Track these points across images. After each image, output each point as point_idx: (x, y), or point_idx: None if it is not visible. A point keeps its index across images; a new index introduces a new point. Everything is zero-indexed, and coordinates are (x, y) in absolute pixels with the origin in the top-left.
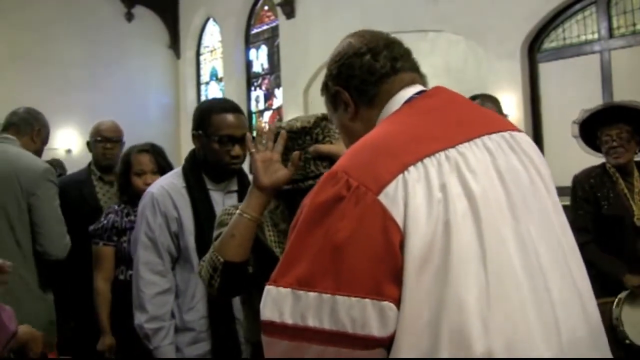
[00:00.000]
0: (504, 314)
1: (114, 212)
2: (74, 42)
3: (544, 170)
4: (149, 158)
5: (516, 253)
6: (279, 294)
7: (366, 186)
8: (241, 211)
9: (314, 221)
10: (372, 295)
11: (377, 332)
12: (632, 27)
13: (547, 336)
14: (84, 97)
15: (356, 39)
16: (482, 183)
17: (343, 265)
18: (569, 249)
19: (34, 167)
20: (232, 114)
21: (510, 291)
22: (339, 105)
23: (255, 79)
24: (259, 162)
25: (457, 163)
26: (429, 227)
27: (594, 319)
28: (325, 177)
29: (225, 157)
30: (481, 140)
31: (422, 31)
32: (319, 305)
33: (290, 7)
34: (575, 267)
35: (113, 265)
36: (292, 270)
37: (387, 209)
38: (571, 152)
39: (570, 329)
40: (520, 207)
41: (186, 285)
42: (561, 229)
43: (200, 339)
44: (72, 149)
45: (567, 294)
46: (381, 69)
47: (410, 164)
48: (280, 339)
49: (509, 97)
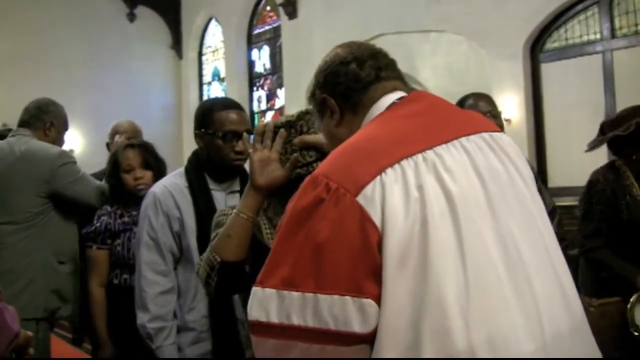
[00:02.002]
0: (485, 309)
1: (106, 214)
2: (76, 42)
3: (524, 169)
4: (135, 153)
5: (496, 249)
6: (264, 295)
7: (345, 188)
8: (238, 211)
9: (296, 224)
10: (352, 292)
11: (359, 328)
12: (635, 28)
13: (530, 330)
14: (86, 97)
15: (343, 49)
16: (459, 182)
17: (324, 264)
18: (551, 246)
19: (46, 156)
20: (234, 111)
21: (491, 287)
22: (325, 112)
23: (258, 79)
24: (256, 162)
25: (435, 164)
26: (407, 226)
27: (577, 314)
28: (307, 182)
29: (229, 153)
30: (459, 141)
31: (424, 31)
32: (303, 304)
33: (293, 7)
34: (558, 263)
35: (107, 269)
36: (277, 271)
37: (365, 209)
38: (572, 152)
39: (553, 323)
40: (500, 205)
41: (188, 285)
42: (543, 226)
43: (202, 339)
44: (75, 149)
45: (550, 289)
46: (366, 77)
47: (388, 165)
48: (267, 338)
49: (511, 97)
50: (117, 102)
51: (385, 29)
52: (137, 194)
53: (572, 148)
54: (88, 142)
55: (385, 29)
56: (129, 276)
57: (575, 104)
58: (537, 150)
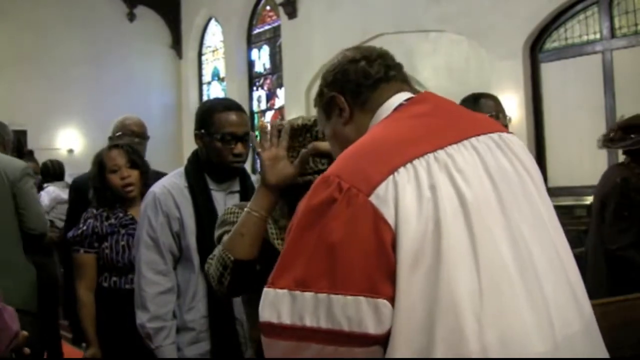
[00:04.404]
0: (497, 310)
1: (92, 216)
2: (76, 42)
3: (534, 170)
4: (120, 152)
5: (508, 250)
6: (276, 296)
7: (357, 188)
8: (249, 209)
9: (308, 223)
10: (366, 293)
11: (373, 329)
12: (634, 27)
13: (541, 331)
14: (86, 97)
15: (351, 51)
16: (471, 183)
17: (337, 265)
18: (561, 247)
19: (16, 164)
20: (234, 112)
21: (503, 287)
22: (333, 112)
23: (257, 79)
24: (265, 160)
25: (446, 164)
26: (420, 226)
27: (587, 315)
28: (318, 182)
29: (227, 156)
30: (469, 141)
31: (424, 31)
32: (316, 305)
33: (292, 7)
34: (568, 264)
35: (95, 273)
36: (289, 271)
37: (378, 209)
38: (572, 152)
39: (564, 324)
40: (511, 206)
41: (187, 285)
42: (553, 228)
43: (201, 339)
44: (74, 149)
45: (561, 290)
46: (376, 74)
47: (400, 165)
48: (279, 339)
49: (511, 97)
50: (116, 101)
51: (385, 29)
52: (124, 195)
53: (571, 148)
54: (87, 141)
55: (385, 29)
56: (119, 279)
57: (575, 103)
58: (537, 150)
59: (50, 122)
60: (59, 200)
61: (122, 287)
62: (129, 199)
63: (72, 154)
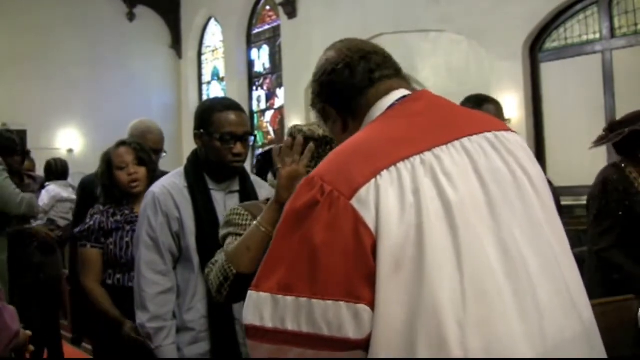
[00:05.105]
0: (482, 317)
1: (99, 212)
2: (76, 42)
3: (533, 169)
4: (128, 149)
5: (495, 255)
6: (259, 299)
7: (339, 191)
8: (259, 224)
9: (292, 226)
10: (346, 298)
11: (353, 334)
12: (634, 27)
13: (530, 338)
14: (86, 97)
15: (334, 53)
16: (458, 186)
17: (318, 269)
18: (560, 250)
19: None
20: (233, 112)
21: (488, 293)
22: (328, 119)
23: (257, 78)
24: (284, 178)
25: (432, 167)
26: (401, 231)
27: (587, 320)
28: (303, 183)
29: (227, 155)
30: (460, 142)
31: (424, 31)
32: (297, 309)
33: (292, 6)
34: (567, 268)
35: (101, 268)
36: (272, 275)
37: (359, 213)
38: (572, 152)
39: (558, 330)
40: (502, 208)
41: (186, 285)
42: (551, 229)
43: (200, 339)
44: (74, 148)
45: (557, 295)
46: (360, 84)
47: (383, 168)
48: (262, 342)
49: (511, 97)
50: (116, 101)
51: (385, 28)
52: (130, 191)
53: (571, 147)
54: (87, 141)
55: (384, 28)
56: (122, 276)
57: (574, 103)
58: (537, 150)
59: (50, 122)
60: (59, 199)
61: (126, 284)
62: (134, 194)
63: (72, 154)
